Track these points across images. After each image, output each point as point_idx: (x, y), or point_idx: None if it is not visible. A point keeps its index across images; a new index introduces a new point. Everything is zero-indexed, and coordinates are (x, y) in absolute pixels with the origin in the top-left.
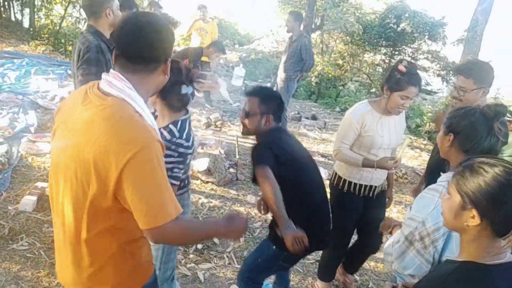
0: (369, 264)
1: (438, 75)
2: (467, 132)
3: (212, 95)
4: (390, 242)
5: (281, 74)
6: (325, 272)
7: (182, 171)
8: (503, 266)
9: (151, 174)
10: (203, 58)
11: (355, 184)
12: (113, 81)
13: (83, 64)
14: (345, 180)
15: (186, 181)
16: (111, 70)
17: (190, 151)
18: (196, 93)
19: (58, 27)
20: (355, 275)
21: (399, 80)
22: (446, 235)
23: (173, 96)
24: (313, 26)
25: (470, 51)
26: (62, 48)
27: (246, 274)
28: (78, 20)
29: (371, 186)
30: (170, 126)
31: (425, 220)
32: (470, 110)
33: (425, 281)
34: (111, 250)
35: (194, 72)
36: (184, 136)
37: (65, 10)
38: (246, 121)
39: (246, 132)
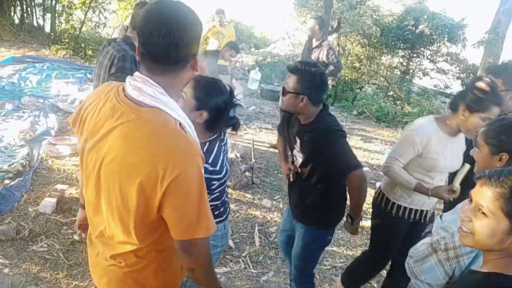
0: None
1: (458, 78)
2: None
3: None
4: (417, 245)
5: None
6: (352, 279)
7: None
8: None
9: (193, 191)
10: (220, 62)
11: (405, 208)
12: (143, 87)
13: (118, 71)
14: (393, 203)
15: (221, 210)
16: (137, 73)
17: (217, 176)
18: None
19: (78, 32)
20: (372, 282)
21: (480, 99)
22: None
23: (225, 117)
24: (329, 29)
25: (491, 53)
26: (82, 52)
27: (309, 273)
28: (97, 25)
29: (422, 211)
30: None
31: (455, 233)
32: (509, 121)
33: None
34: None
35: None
36: (210, 160)
37: (85, 15)
38: None
39: None
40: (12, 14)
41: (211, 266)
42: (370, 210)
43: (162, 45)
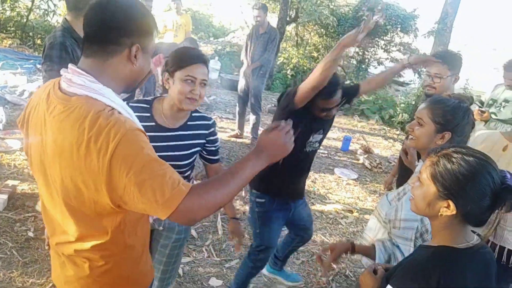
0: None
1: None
2: (462, 127)
3: None
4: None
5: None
6: None
7: None
8: (473, 249)
9: (141, 154)
10: None
11: None
12: (73, 78)
13: (46, 60)
14: None
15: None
16: (70, 65)
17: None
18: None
19: (25, 20)
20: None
21: None
22: None
23: None
24: (287, 19)
25: (440, 43)
26: (31, 41)
27: (265, 246)
28: (46, 12)
29: None
30: None
31: (422, 217)
32: (456, 103)
33: (402, 268)
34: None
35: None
36: None
37: (32, 2)
38: None
39: None
40: None
41: (221, 197)
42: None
43: (94, 21)
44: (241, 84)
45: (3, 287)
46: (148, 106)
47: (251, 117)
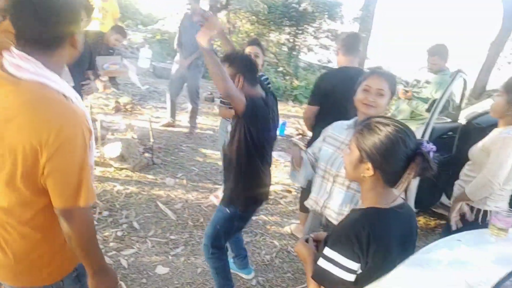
0: (289, 229)
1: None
2: None
3: (119, 78)
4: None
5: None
6: None
7: None
8: (395, 208)
9: (76, 159)
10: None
11: None
12: (21, 64)
13: None
14: None
15: None
16: (14, 49)
17: None
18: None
19: None
20: (274, 240)
21: None
22: None
23: None
24: (218, 6)
25: (364, 29)
26: None
27: (209, 243)
28: None
29: None
30: None
31: None
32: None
33: (337, 230)
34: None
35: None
36: None
37: None
38: None
39: None
40: None
41: (92, 240)
42: None
43: (33, 25)
44: (174, 71)
45: None
46: None
47: (189, 107)
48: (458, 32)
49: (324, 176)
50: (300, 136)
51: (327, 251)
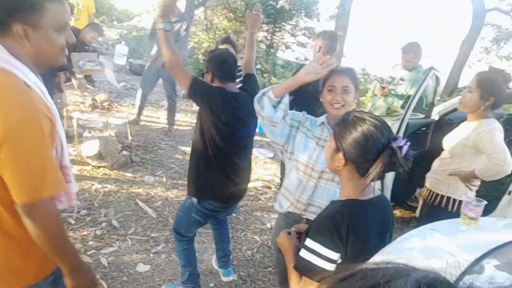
0: (269, 225)
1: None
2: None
3: (94, 76)
4: None
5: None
6: None
7: None
8: (373, 200)
9: (33, 147)
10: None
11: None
12: None
13: None
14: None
15: None
16: None
17: None
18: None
19: None
20: (255, 236)
21: None
22: None
23: None
24: (196, 2)
25: (341, 27)
26: None
27: (174, 226)
28: None
29: None
30: None
31: None
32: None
33: (317, 222)
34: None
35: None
36: None
37: None
38: None
39: None
40: None
41: (60, 235)
42: None
43: None
44: (148, 66)
45: None
46: None
47: (167, 104)
48: (441, 22)
49: (305, 171)
50: None
51: (308, 242)
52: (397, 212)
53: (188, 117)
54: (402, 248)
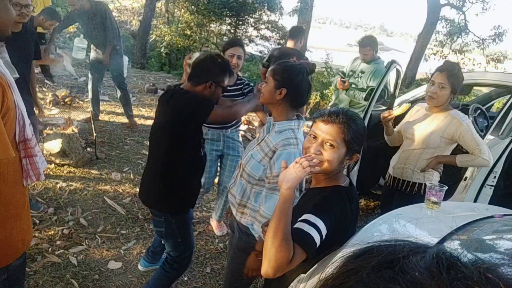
0: None
1: (279, 44)
2: (297, 84)
3: (53, 70)
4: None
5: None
6: None
7: None
8: (350, 187)
9: None
10: (38, 29)
11: None
12: None
13: None
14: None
15: None
16: None
17: None
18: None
19: None
20: (227, 228)
21: None
22: None
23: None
24: None
25: (303, 21)
26: None
27: (173, 257)
28: None
29: None
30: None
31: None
32: (291, 63)
33: (317, 202)
34: None
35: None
36: None
37: None
38: None
39: None
40: None
41: None
42: None
43: None
44: (93, 58)
45: None
46: None
47: (119, 95)
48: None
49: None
50: (246, 125)
51: (311, 217)
52: (362, 201)
53: (153, 112)
54: (371, 235)
